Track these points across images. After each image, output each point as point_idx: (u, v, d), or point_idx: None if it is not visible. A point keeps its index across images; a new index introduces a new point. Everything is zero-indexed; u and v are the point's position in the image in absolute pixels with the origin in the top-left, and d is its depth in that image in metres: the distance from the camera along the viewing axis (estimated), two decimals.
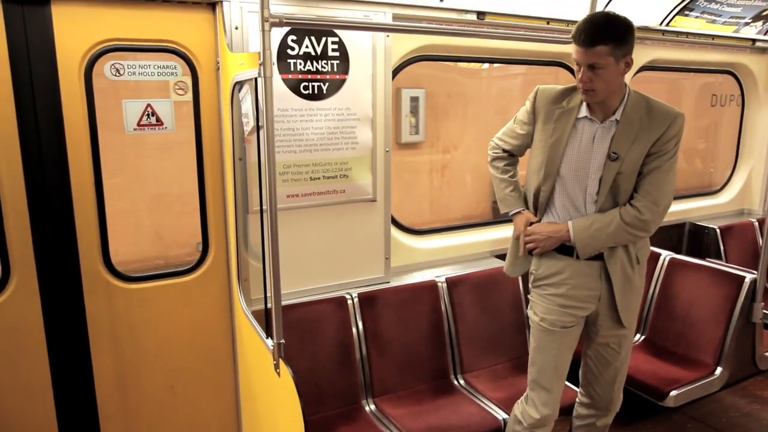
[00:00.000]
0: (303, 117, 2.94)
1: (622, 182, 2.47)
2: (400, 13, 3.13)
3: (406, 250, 3.66)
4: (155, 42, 2.76)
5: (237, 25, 2.75)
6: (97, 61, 2.67)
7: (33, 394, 2.79)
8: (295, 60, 2.88)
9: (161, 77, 2.83)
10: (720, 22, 4.48)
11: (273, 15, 1.93)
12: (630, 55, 2.37)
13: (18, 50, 2.50)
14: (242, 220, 2.91)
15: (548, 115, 2.61)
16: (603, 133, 2.50)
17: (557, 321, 2.63)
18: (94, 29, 2.63)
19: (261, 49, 1.94)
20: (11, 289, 2.67)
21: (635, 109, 2.46)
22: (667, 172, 2.48)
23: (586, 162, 2.52)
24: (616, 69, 2.35)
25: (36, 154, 2.61)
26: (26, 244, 2.65)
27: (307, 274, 3.16)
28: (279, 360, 2.12)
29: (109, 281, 2.87)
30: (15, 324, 2.69)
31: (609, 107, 2.48)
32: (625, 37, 2.33)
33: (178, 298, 3.03)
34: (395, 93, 3.64)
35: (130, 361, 2.99)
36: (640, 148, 2.44)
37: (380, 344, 3.22)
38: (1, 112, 2.52)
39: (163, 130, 2.88)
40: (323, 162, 3.04)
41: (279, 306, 2.09)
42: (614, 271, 2.57)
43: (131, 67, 2.76)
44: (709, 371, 3.51)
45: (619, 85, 2.45)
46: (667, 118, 2.44)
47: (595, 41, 2.29)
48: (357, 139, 3.12)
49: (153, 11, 2.71)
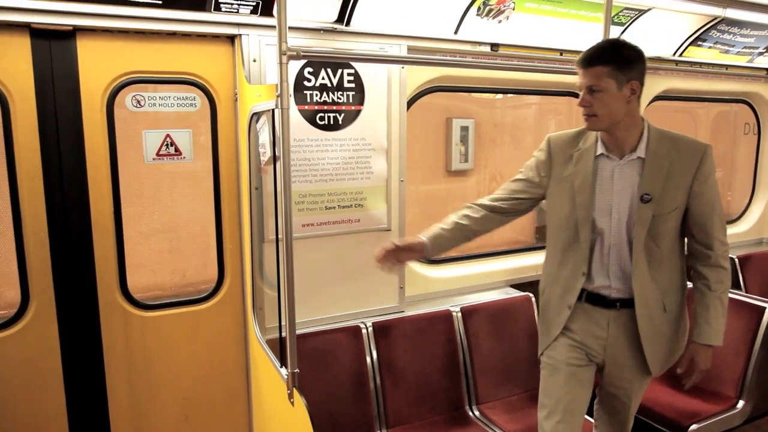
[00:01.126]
0: (319, 147, 2.98)
1: (660, 225, 2.31)
2: (415, 45, 3.18)
3: (420, 279, 3.65)
4: (175, 74, 2.83)
5: (255, 58, 2.81)
6: (119, 92, 2.74)
7: (48, 420, 2.80)
8: (312, 91, 2.92)
9: (181, 108, 2.89)
10: (733, 52, 4.50)
11: (290, 48, 1.98)
12: (637, 82, 2.23)
13: (44, 82, 2.58)
14: (258, 248, 2.93)
15: (565, 161, 2.45)
16: (623, 172, 2.34)
17: (562, 357, 2.48)
18: (116, 62, 2.70)
19: (278, 81, 1.98)
20: (30, 316, 2.69)
21: (661, 145, 2.31)
22: (718, 205, 2.36)
23: (608, 202, 2.36)
24: (617, 94, 2.22)
25: (58, 184, 2.66)
26: (46, 272, 2.69)
27: (321, 303, 3.17)
28: (293, 389, 2.11)
29: (125, 309, 2.89)
30: (33, 350, 2.72)
31: (625, 142, 2.33)
32: (629, 60, 2.22)
33: (193, 327, 3.05)
34: (446, 123, 3.74)
35: (145, 389, 2.99)
36: (675, 187, 2.29)
37: (394, 374, 3.20)
38: (26, 142, 2.58)
39: (181, 159, 2.93)
40: (338, 191, 3.07)
41: (293, 335, 2.09)
42: (641, 315, 2.37)
43: (152, 99, 2.83)
44: (731, 404, 3.44)
45: (628, 115, 2.28)
46: (697, 152, 2.30)
47: (594, 61, 2.22)
48: (372, 169, 3.14)
49: (174, 44, 2.78)
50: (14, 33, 2.50)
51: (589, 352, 2.48)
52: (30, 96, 2.57)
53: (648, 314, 2.38)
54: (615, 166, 2.36)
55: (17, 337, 2.68)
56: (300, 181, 2.95)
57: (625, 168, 2.35)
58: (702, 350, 2.42)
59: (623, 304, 2.41)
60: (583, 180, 2.39)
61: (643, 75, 2.27)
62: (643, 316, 2.38)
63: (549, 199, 2.53)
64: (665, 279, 2.40)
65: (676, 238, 2.40)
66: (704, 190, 2.30)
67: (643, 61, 2.26)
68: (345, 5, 2.85)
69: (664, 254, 2.37)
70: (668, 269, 2.40)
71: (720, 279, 2.38)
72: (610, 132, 2.33)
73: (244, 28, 2.78)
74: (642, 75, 2.26)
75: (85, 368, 2.84)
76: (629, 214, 2.33)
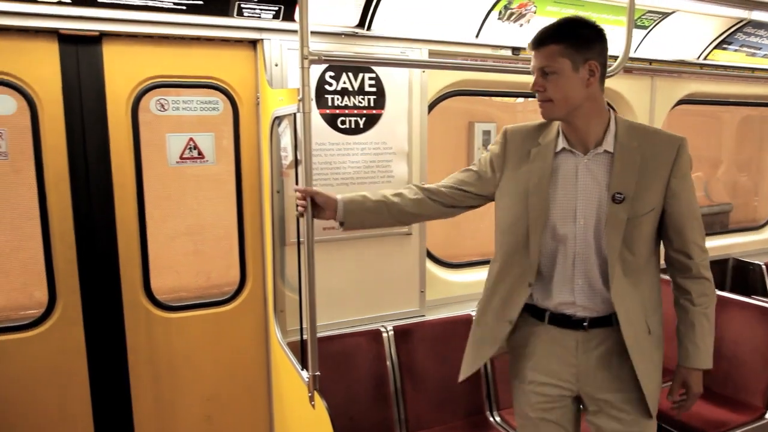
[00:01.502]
0: (340, 151, 2.99)
1: (635, 230, 1.99)
2: (436, 49, 3.18)
3: (441, 283, 3.64)
4: (198, 78, 2.87)
5: (277, 62, 2.83)
6: (144, 96, 2.79)
7: (74, 419, 2.84)
8: (333, 95, 2.94)
9: (204, 112, 2.93)
10: (760, 54, 4.43)
11: (312, 52, 1.99)
12: (596, 62, 1.94)
13: (70, 86, 2.63)
14: (279, 251, 2.94)
15: (522, 157, 2.14)
16: (588, 169, 2.03)
17: (531, 407, 2.19)
18: (141, 67, 2.75)
19: (300, 85, 1.99)
20: (56, 316, 2.74)
21: (631, 138, 2.02)
22: (696, 207, 2.07)
23: (572, 203, 2.04)
24: (573, 76, 1.93)
25: (84, 187, 2.71)
26: (72, 273, 2.73)
27: (342, 306, 3.17)
28: (314, 392, 2.12)
29: (149, 310, 2.93)
30: (58, 350, 2.76)
31: (588, 134, 2.03)
32: (586, 38, 1.95)
33: (216, 328, 3.08)
34: (468, 127, 3.71)
35: (168, 390, 3.02)
36: (650, 185, 1.99)
37: (415, 378, 3.19)
38: (53, 146, 2.63)
39: (204, 163, 2.96)
40: None
41: (315, 338, 2.10)
42: (629, 337, 2.02)
43: (175, 103, 2.87)
44: (759, 414, 3.36)
45: (588, 101, 1.99)
46: (672, 144, 2.01)
47: (546, 40, 1.95)
48: (393, 173, 3.15)
49: (197, 49, 2.82)
50: (42, 38, 2.55)
51: (559, 384, 2.14)
52: (57, 100, 2.62)
53: (634, 336, 2.03)
54: (579, 162, 2.04)
55: (44, 336, 2.73)
56: (321, 185, 2.96)
57: (591, 164, 2.03)
58: (693, 374, 2.12)
59: (593, 323, 2.08)
60: (539, 178, 2.07)
61: (604, 55, 1.99)
62: (630, 338, 2.02)
63: (498, 199, 2.22)
64: (645, 295, 2.08)
65: (652, 247, 2.09)
66: (682, 188, 2.01)
67: (603, 40, 1.99)
68: (366, 10, 2.86)
69: (641, 265, 2.05)
70: (647, 283, 2.08)
71: (704, 292, 2.09)
72: (569, 122, 2.03)
73: (266, 33, 2.81)
74: (602, 55, 1.98)
75: (110, 369, 2.88)
76: (597, 218, 2.01)
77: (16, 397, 2.72)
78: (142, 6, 2.53)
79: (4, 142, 2.61)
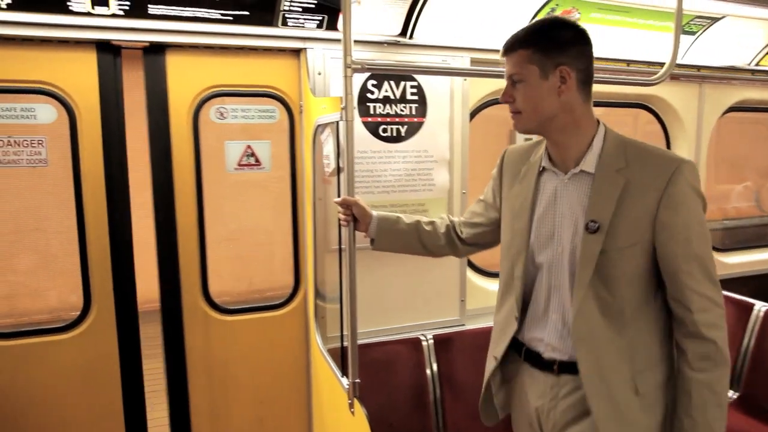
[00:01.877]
0: (381, 159, 3.00)
1: (613, 265, 1.69)
2: (478, 57, 3.17)
3: (482, 292, 3.61)
4: (256, 87, 2.95)
5: (320, 71, 2.87)
6: (204, 105, 2.88)
7: (105, 421, 2.92)
8: (375, 103, 2.96)
9: (261, 120, 3.01)
10: None
11: (355, 61, 2.00)
12: (568, 68, 1.69)
13: (108, 95, 2.73)
14: (321, 258, 2.97)
15: (514, 177, 1.97)
16: (567, 191, 1.79)
17: None
18: (202, 76, 2.84)
19: (343, 93, 2.00)
20: (90, 320, 2.82)
21: (617, 158, 1.72)
22: (701, 246, 1.68)
23: (550, 229, 1.82)
24: (542, 85, 1.71)
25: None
26: (107, 278, 2.83)
27: (381, 313, 3.18)
28: (354, 399, 2.12)
29: (207, 313, 3.01)
30: (92, 353, 2.84)
31: (567, 151, 1.78)
32: (558, 41, 1.70)
33: (269, 332, 3.15)
34: (509, 135, 3.70)
35: (222, 391, 3.10)
36: (633, 214, 1.67)
37: (454, 388, 3.16)
38: (90, 152, 2.73)
39: (261, 170, 3.05)
40: (400, 203, 3.08)
41: (355, 345, 2.10)
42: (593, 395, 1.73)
43: (234, 111, 2.95)
44: None
45: (564, 112, 1.73)
46: (665, 168, 1.66)
47: (515, 45, 1.75)
48: (434, 181, 3.14)
49: (250, 59, 2.90)
50: (81, 49, 2.65)
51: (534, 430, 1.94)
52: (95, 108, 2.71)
53: (606, 394, 1.72)
54: (558, 183, 1.82)
55: (77, 340, 2.81)
56: (363, 193, 2.98)
57: (570, 186, 1.79)
58: None
59: (563, 368, 1.81)
60: (523, 200, 1.89)
61: (582, 60, 1.73)
62: (598, 395, 1.72)
63: (501, 221, 2.06)
64: (637, 347, 1.74)
65: (648, 289, 1.75)
66: (675, 221, 1.65)
67: (582, 43, 1.73)
68: (408, 18, 2.87)
69: (625, 309, 1.73)
70: (639, 332, 1.75)
71: (705, 354, 1.67)
72: (546, 136, 1.83)
73: (310, 42, 2.85)
74: (579, 60, 1.72)
75: (168, 371, 2.98)
76: (573, 247, 1.76)
77: (49, 398, 2.80)
78: (192, 17, 2.60)
79: (44, 150, 2.70)
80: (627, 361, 1.73)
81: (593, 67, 1.76)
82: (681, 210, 1.65)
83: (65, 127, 2.69)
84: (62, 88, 2.65)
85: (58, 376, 2.80)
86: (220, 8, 2.60)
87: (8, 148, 2.64)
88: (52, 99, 2.66)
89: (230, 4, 2.60)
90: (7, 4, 2.34)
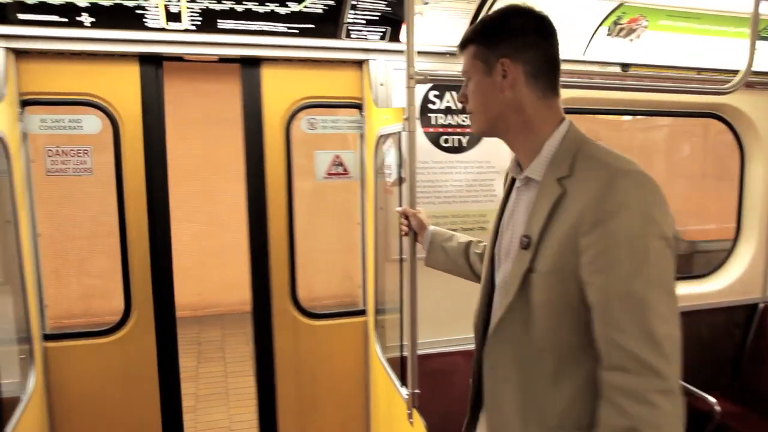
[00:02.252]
0: (443, 169, 3.00)
1: (535, 288, 1.38)
2: None
3: None
4: (342, 99, 3.04)
5: (382, 82, 2.90)
6: (295, 116, 2.99)
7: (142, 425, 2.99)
8: (437, 114, 2.96)
9: (349, 131, 3.10)
10: None
11: (418, 72, 2.01)
12: (509, 60, 1.46)
13: (149, 106, 2.83)
14: (381, 267, 2.99)
15: None
16: (519, 199, 1.56)
17: None
18: (294, 88, 2.94)
19: (406, 104, 2.01)
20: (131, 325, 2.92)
21: (564, 164, 1.41)
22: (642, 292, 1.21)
23: (506, 241, 1.58)
24: (486, 82, 1.50)
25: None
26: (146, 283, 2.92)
27: (440, 324, 3.15)
28: (413, 410, 2.12)
29: (296, 318, 3.10)
30: (132, 357, 2.93)
31: (521, 156, 1.56)
32: (499, 30, 1.49)
33: (351, 337, 3.21)
34: None
35: (309, 393, 3.19)
36: (560, 230, 1.34)
37: None
38: (132, 163, 2.83)
39: (348, 178, 3.14)
40: (462, 214, 3.07)
41: (415, 355, 2.10)
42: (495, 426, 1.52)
43: (324, 122, 3.06)
44: None
45: (514, 112, 1.51)
46: (598, 179, 1.30)
47: (466, 41, 1.55)
48: (495, 192, 3.11)
49: (337, 71, 2.98)
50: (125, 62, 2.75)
51: None
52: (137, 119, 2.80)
53: None
54: (515, 191, 1.60)
55: (117, 343, 2.90)
56: (424, 203, 2.98)
57: (523, 195, 1.54)
58: None
59: None
60: (497, 214, 1.68)
61: (531, 51, 1.50)
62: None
63: None
64: (553, 405, 1.38)
65: (584, 334, 1.32)
66: (600, 249, 1.26)
67: (530, 31, 1.51)
68: None
69: (542, 356, 1.39)
70: (557, 386, 1.37)
71: (613, 424, 1.22)
72: (502, 139, 1.59)
73: (372, 54, 2.88)
74: (527, 51, 1.49)
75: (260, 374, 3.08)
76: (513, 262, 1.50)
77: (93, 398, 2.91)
78: (260, 31, 2.68)
79: (89, 159, 2.81)
80: (532, 412, 1.40)
81: (551, 58, 1.56)
82: (609, 237, 1.25)
83: (109, 136, 2.80)
84: (107, 99, 2.76)
85: (101, 378, 2.90)
86: (287, 22, 2.66)
87: (57, 158, 2.76)
88: (98, 110, 2.77)
89: (299, 18, 2.67)
90: (92, 22, 2.47)
